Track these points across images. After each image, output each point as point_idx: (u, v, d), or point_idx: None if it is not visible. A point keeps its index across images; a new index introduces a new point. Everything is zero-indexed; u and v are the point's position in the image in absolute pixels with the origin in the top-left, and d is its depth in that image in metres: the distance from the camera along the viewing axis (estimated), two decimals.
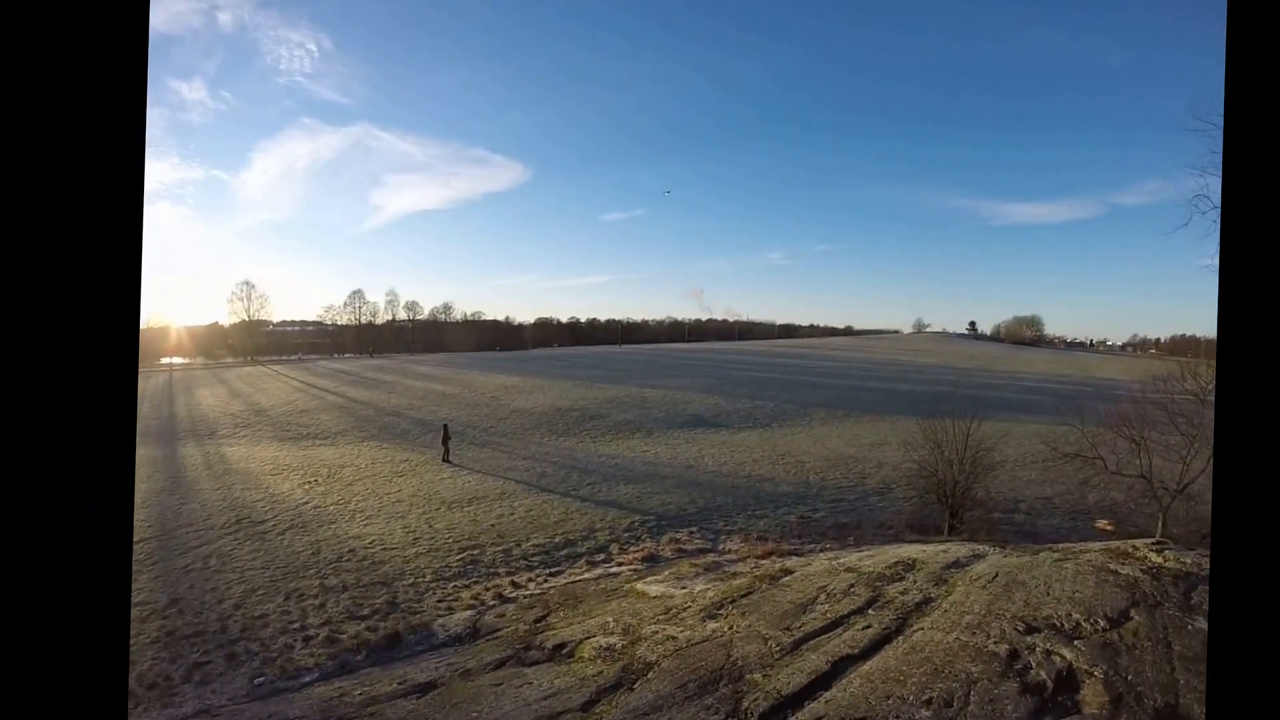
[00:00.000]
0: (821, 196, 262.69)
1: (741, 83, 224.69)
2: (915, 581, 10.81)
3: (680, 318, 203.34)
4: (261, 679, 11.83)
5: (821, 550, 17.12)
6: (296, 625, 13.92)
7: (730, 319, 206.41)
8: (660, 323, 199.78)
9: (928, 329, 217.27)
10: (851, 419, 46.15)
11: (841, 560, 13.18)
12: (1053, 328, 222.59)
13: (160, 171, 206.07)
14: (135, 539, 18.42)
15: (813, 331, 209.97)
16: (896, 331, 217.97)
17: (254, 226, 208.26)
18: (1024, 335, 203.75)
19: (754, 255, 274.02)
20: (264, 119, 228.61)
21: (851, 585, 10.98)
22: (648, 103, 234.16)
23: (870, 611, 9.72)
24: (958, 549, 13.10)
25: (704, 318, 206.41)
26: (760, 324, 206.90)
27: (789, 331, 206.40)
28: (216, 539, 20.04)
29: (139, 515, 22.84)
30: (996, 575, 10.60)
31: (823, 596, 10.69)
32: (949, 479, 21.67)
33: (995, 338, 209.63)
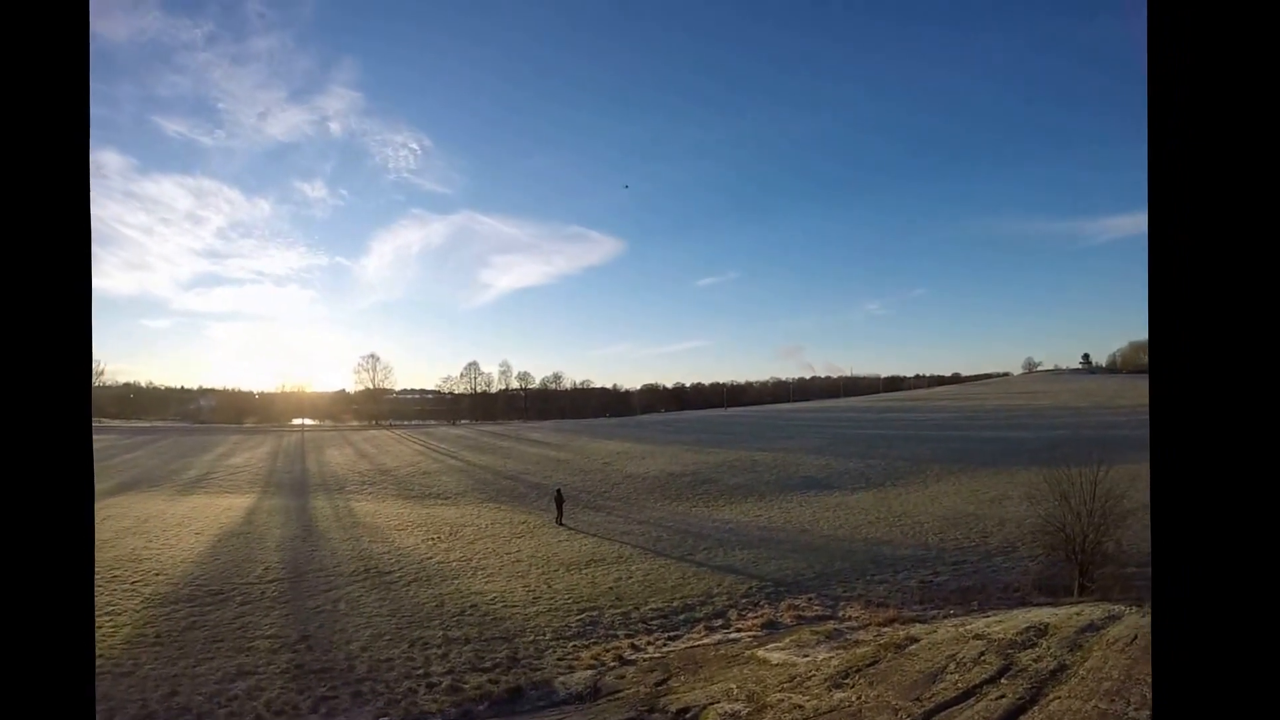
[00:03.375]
0: (911, 242, 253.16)
1: (817, 136, 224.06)
2: (1048, 648, 10.34)
3: (784, 377, 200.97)
4: (386, 718, 12.30)
5: (945, 616, 16.46)
6: (420, 671, 14.38)
7: (833, 375, 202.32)
8: (764, 384, 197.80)
9: (1039, 368, 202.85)
10: (968, 473, 43.83)
11: (969, 627, 12.71)
12: None
13: (290, 259, 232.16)
14: (269, 579, 19.98)
15: (919, 382, 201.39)
16: (1006, 374, 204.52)
17: (374, 305, 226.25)
18: (1143, 362, 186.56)
19: (851, 308, 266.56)
20: (377, 211, 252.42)
21: (981, 653, 10.59)
22: (731, 166, 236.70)
23: (1003, 680, 9.37)
24: (1091, 610, 12.44)
25: (807, 376, 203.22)
26: (864, 378, 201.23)
27: (895, 384, 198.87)
28: (345, 585, 21.03)
29: (274, 558, 24.49)
30: (1135, 637, 10.03)
31: (952, 665, 10.34)
32: (1077, 533, 20.13)
33: (1112, 369, 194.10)
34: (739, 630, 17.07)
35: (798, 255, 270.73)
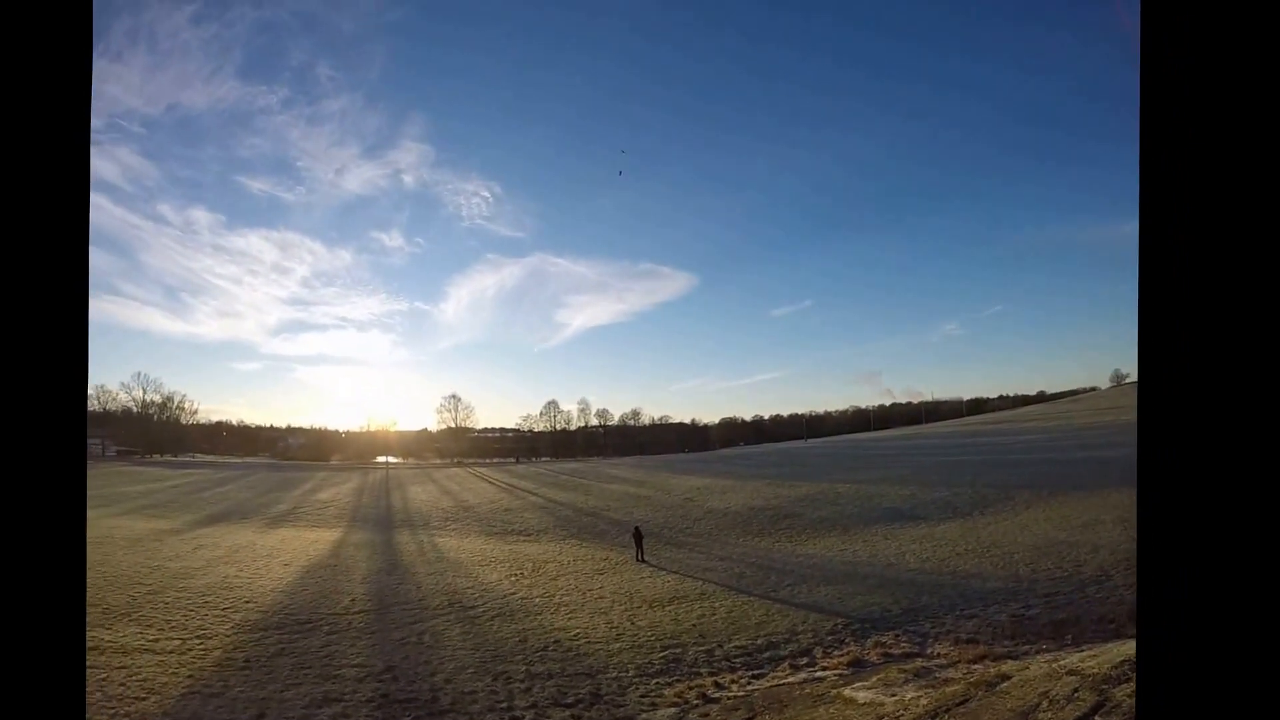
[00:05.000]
0: (984, 257, 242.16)
1: (883, 152, 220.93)
2: None
3: (863, 405, 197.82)
4: None
5: (1038, 651, 15.68)
6: (504, 704, 14.47)
7: (913, 400, 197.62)
8: (843, 413, 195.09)
9: (1127, 380, 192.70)
10: (1058, 499, 41.16)
11: (1062, 662, 12.12)
12: None
13: (371, 306, 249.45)
14: (355, 610, 20.59)
15: (1003, 402, 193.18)
16: (1093, 389, 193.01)
17: (454, 347, 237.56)
18: None
19: (928, 329, 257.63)
20: (453, 257, 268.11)
21: (1075, 690, 10.09)
22: (798, 192, 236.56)
23: (1097, 718, 8.95)
24: None
25: (886, 403, 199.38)
26: (946, 402, 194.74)
27: (977, 406, 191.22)
28: (429, 618, 21.45)
29: (360, 590, 25.29)
30: None
31: (1045, 704, 9.89)
32: None
33: None
34: (824, 668, 16.63)
35: (873, 277, 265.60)
